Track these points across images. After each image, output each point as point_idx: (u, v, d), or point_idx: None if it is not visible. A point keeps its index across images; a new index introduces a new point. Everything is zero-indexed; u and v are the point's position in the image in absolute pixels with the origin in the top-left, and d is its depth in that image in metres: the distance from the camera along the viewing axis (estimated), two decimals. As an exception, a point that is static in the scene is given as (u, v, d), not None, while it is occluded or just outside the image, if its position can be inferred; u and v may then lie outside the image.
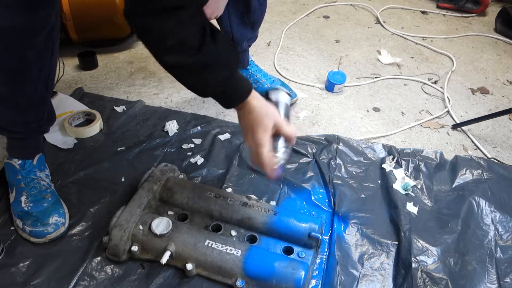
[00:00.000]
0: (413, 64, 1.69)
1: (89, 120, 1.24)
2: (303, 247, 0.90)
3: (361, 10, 2.10)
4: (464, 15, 2.11)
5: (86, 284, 0.84)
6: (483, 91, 1.56)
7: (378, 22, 1.99)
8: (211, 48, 0.74)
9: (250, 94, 0.82)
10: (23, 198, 0.93)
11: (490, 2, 2.09)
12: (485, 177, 1.13)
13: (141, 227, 0.86)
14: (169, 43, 0.70)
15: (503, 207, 1.05)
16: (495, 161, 1.20)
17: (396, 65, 1.67)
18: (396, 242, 0.96)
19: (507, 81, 1.63)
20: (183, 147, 1.18)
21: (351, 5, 2.13)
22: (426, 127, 1.35)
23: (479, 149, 1.27)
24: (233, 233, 0.91)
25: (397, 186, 1.09)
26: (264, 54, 1.67)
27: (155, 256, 0.85)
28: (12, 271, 0.85)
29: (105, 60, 1.56)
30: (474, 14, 2.11)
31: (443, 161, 1.18)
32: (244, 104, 0.82)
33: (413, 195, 1.07)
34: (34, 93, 0.88)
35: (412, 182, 1.10)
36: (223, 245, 0.85)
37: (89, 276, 0.85)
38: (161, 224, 0.86)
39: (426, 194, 1.08)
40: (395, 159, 1.16)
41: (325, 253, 0.93)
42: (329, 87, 1.48)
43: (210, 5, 0.94)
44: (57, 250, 0.90)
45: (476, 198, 1.05)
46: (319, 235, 0.88)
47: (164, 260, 0.82)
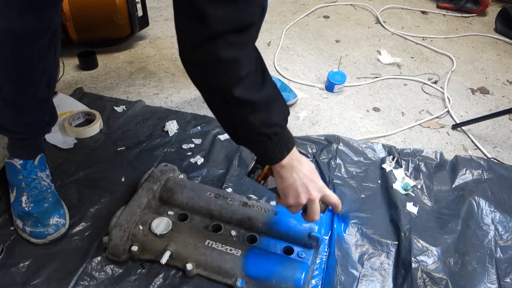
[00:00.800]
0: (413, 64, 1.69)
1: (89, 120, 1.24)
2: (303, 247, 0.90)
3: (361, 10, 2.10)
4: (464, 15, 2.11)
5: (86, 284, 0.84)
6: (483, 91, 1.56)
7: (378, 22, 1.99)
8: (270, 83, 0.69)
9: (294, 146, 0.74)
10: (23, 198, 0.93)
11: (490, 2, 2.10)
12: (485, 177, 1.13)
13: (141, 227, 0.86)
14: (243, 73, 0.64)
15: (503, 207, 1.05)
16: (495, 161, 1.20)
17: (396, 65, 1.67)
18: (396, 242, 0.96)
19: (507, 81, 1.63)
20: (183, 147, 1.18)
21: (351, 5, 2.13)
22: (426, 127, 1.35)
23: (479, 149, 1.27)
24: (233, 233, 0.91)
25: (397, 186, 1.09)
26: (264, 54, 1.66)
27: (155, 256, 0.85)
28: (12, 271, 0.85)
29: (105, 60, 1.56)
30: (474, 14, 2.11)
31: (443, 161, 1.18)
32: (292, 156, 0.73)
33: (413, 195, 1.07)
34: (37, 94, 0.88)
35: (412, 182, 1.10)
36: (223, 245, 0.85)
37: (89, 276, 0.85)
38: (161, 224, 0.86)
39: (426, 194, 1.08)
40: (395, 159, 1.16)
41: (325, 253, 0.93)
42: (329, 87, 1.48)
43: None
44: (57, 250, 0.89)
45: (476, 198, 1.05)
46: (319, 235, 0.88)
47: (164, 260, 0.82)
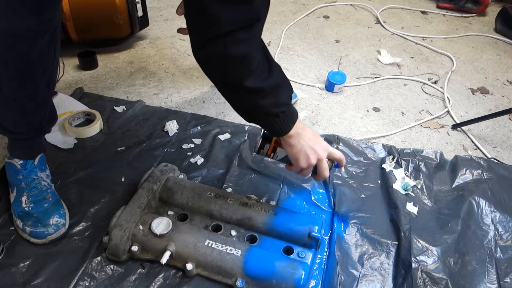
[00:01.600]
0: (413, 64, 1.69)
1: (89, 120, 1.24)
2: (303, 247, 0.90)
3: (361, 10, 2.10)
4: (464, 15, 2.11)
5: (86, 284, 0.84)
6: (483, 91, 1.56)
7: (378, 22, 1.99)
8: (276, 69, 0.76)
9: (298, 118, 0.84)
10: (23, 198, 0.93)
11: (490, 2, 2.10)
12: (485, 177, 1.13)
13: (141, 227, 0.86)
14: (253, 66, 0.70)
15: (503, 207, 1.05)
16: (495, 161, 1.20)
17: (396, 65, 1.67)
18: (396, 242, 0.96)
19: (507, 81, 1.63)
20: (183, 147, 1.18)
21: (351, 5, 2.13)
22: (426, 127, 1.35)
23: (479, 149, 1.27)
24: (233, 233, 0.91)
25: (397, 186, 1.09)
26: (264, 54, 1.67)
27: (155, 256, 0.85)
28: (12, 271, 0.85)
29: (105, 60, 1.56)
30: (474, 14, 2.11)
31: (443, 161, 1.18)
32: (297, 126, 0.82)
33: (413, 195, 1.07)
34: (37, 94, 0.88)
35: (412, 182, 1.10)
36: (223, 245, 0.85)
37: (89, 276, 0.85)
38: (161, 224, 0.86)
39: (426, 194, 1.08)
40: (395, 159, 1.16)
41: (325, 253, 0.93)
42: (329, 87, 1.48)
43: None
44: (57, 250, 0.90)
45: (476, 198, 1.05)
46: (319, 235, 0.88)
47: (164, 260, 0.82)
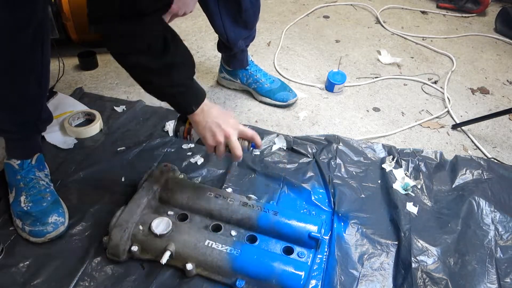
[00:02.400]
0: (413, 64, 1.69)
1: (89, 120, 1.24)
2: (303, 247, 0.90)
3: (361, 10, 2.10)
4: (464, 15, 2.11)
5: (86, 284, 0.84)
6: (483, 91, 1.56)
7: (378, 22, 1.99)
8: (174, 50, 0.78)
9: (205, 99, 0.86)
10: (22, 198, 0.93)
11: (490, 2, 2.10)
12: (485, 177, 1.13)
13: (141, 227, 0.86)
14: (138, 46, 0.74)
15: (503, 207, 1.05)
16: (495, 161, 1.20)
17: (396, 65, 1.67)
18: (396, 242, 0.96)
19: (507, 81, 1.63)
20: (183, 147, 1.18)
21: (351, 5, 2.13)
22: (426, 127, 1.35)
23: (479, 149, 1.27)
24: (233, 233, 0.91)
25: (397, 186, 1.09)
26: (264, 54, 1.68)
27: (155, 256, 0.85)
28: (12, 271, 0.85)
29: (105, 60, 1.56)
30: (474, 14, 2.11)
31: (443, 161, 1.18)
32: (203, 106, 0.85)
33: (413, 195, 1.07)
34: (27, 93, 0.88)
35: (412, 182, 1.10)
36: (223, 245, 0.85)
37: (89, 276, 0.85)
38: (161, 224, 0.86)
39: (426, 194, 1.08)
40: (395, 159, 1.16)
41: (325, 253, 0.93)
42: (329, 87, 1.48)
43: (176, 1, 0.96)
44: (57, 250, 0.90)
45: (476, 198, 1.05)
46: (319, 235, 0.88)
47: (164, 260, 0.82)
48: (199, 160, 1.14)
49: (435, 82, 1.58)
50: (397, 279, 0.89)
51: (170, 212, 0.94)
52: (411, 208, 1.03)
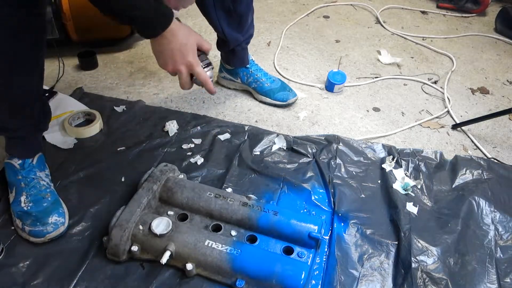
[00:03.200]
0: (413, 64, 1.69)
1: (89, 120, 1.24)
2: (303, 247, 0.90)
3: (361, 10, 2.10)
4: (464, 15, 2.11)
5: (86, 284, 0.84)
6: (483, 91, 1.56)
7: (378, 22, 1.99)
8: None
9: (173, 19, 0.82)
10: (22, 198, 0.93)
11: (490, 2, 2.10)
12: (485, 177, 1.13)
13: (141, 227, 0.86)
14: None
15: (503, 207, 1.05)
16: (495, 161, 1.20)
17: (396, 65, 1.67)
18: (396, 242, 0.96)
19: (507, 81, 1.63)
20: (183, 147, 1.18)
21: (351, 5, 2.13)
22: (426, 127, 1.35)
23: (479, 149, 1.27)
24: (233, 233, 0.91)
25: (397, 186, 1.09)
26: (264, 54, 1.68)
27: (155, 256, 0.85)
28: (12, 271, 0.85)
29: (105, 60, 1.56)
30: (474, 14, 2.11)
31: (443, 161, 1.18)
32: (169, 29, 0.81)
33: (413, 195, 1.07)
34: (29, 89, 0.88)
35: (412, 182, 1.10)
36: (223, 245, 0.85)
37: (89, 276, 0.85)
38: (161, 224, 0.86)
39: (426, 194, 1.08)
40: (395, 159, 1.16)
41: (325, 253, 0.93)
42: (329, 87, 1.48)
43: None
44: (57, 250, 0.90)
45: (476, 198, 1.05)
46: (319, 235, 0.88)
47: (164, 260, 0.82)
48: (199, 160, 1.14)
49: (435, 82, 1.58)
50: (397, 279, 0.89)
51: (170, 212, 0.94)
52: (411, 208, 1.03)
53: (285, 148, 1.20)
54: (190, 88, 0.91)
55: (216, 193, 0.96)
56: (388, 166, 1.14)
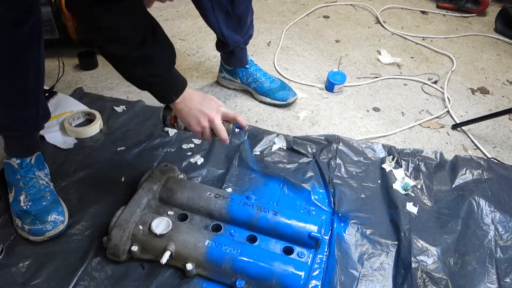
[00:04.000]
0: (413, 64, 1.69)
1: (89, 120, 1.24)
2: (303, 247, 0.90)
3: (361, 10, 2.10)
4: (464, 15, 2.11)
5: (86, 284, 0.84)
6: (483, 91, 1.56)
7: (378, 22, 1.99)
8: (152, 41, 0.79)
9: (186, 87, 0.87)
10: (22, 197, 0.93)
11: (490, 2, 2.09)
12: (485, 177, 1.13)
13: (141, 227, 0.86)
14: (114, 34, 0.75)
15: (503, 207, 1.05)
16: (495, 161, 1.20)
17: (396, 65, 1.67)
18: (396, 242, 0.96)
19: (507, 81, 1.63)
20: (183, 147, 1.18)
21: (351, 5, 2.13)
22: (426, 127, 1.35)
23: (479, 149, 1.27)
24: (233, 233, 0.91)
25: (397, 186, 1.09)
26: (264, 54, 1.68)
27: (155, 256, 0.85)
28: (12, 271, 0.85)
29: (105, 60, 1.55)
30: (474, 14, 2.11)
31: (443, 161, 1.18)
32: (184, 94, 0.86)
33: (413, 195, 1.07)
34: (26, 88, 0.88)
35: (412, 182, 1.10)
36: (223, 245, 0.85)
37: (89, 276, 0.85)
38: (161, 224, 0.86)
39: (426, 194, 1.08)
40: (395, 159, 1.16)
41: (325, 253, 0.93)
42: (329, 87, 1.48)
43: None
44: (57, 250, 0.90)
45: (476, 198, 1.05)
46: (319, 235, 0.88)
47: (164, 260, 0.82)
48: (199, 160, 1.14)
49: (435, 82, 1.58)
50: (397, 279, 0.89)
51: (170, 212, 0.94)
52: (411, 208, 1.03)
53: (285, 148, 1.20)
54: (211, 140, 0.92)
55: (216, 193, 0.96)
56: (388, 166, 1.14)
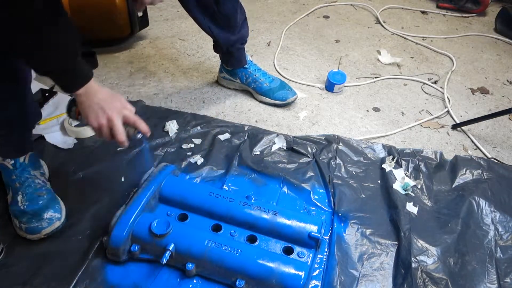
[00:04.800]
0: (413, 64, 1.69)
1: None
2: (303, 247, 0.90)
3: (361, 10, 2.10)
4: (464, 15, 2.11)
5: (86, 284, 0.84)
6: (483, 91, 1.56)
7: (378, 22, 1.99)
8: (54, 29, 0.75)
9: (91, 79, 0.84)
10: (19, 198, 0.93)
11: (490, 2, 2.09)
12: (485, 177, 1.13)
13: (140, 227, 0.86)
14: (16, 22, 0.69)
15: (503, 207, 1.05)
16: (495, 161, 1.20)
17: (396, 65, 1.67)
18: (396, 242, 0.96)
19: (507, 81, 1.63)
20: (183, 147, 1.18)
21: (351, 5, 2.13)
22: (426, 127, 1.35)
23: (479, 149, 1.27)
24: (233, 233, 0.91)
25: (397, 186, 1.09)
26: (264, 54, 1.67)
27: (155, 256, 0.85)
28: (12, 271, 0.85)
29: (105, 60, 1.56)
30: (474, 14, 2.11)
31: (443, 161, 1.18)
32: (88, 87, 0.83)
33: (413, 195, 1.07)
34: (5, 88, 0.86)
35: (412, 182, 1.10)
36: (223, 245, 0.85)
37: (89, 276, 0.85)
38: (161, 224, 0.86)
39: (426, 194, 1.08)
40: (395, 159, 1.16)
41: (325, 253, 0.93)
42: (329, 87, 1.48)
43: None
44: (57, 250, 0.90)
45: (476, 198, 1.05)
46: (319, 235, 0.88)
47: (164, 260, 0.82)
48: (199, 160, 1.14)
49: (435, 82, 1.58)
50: (397, 279, 0.89)
51: (170, 212, 0.94)
52: (411, 208, 1.03)
53: (285, 148, 1.20)
54: (109, 139, 0.88)
55: (216, 193, 0.96)
56: (388, 166, 1.14)
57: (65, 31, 0.79)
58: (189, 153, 1.16)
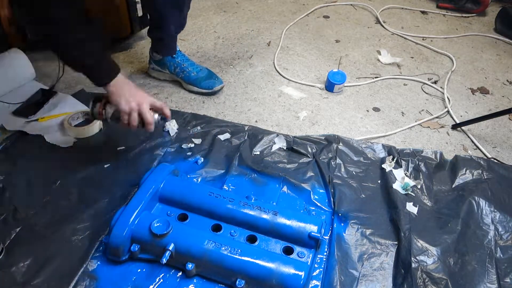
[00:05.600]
0: (413, 64, 1.69)
1: (89, 120, 1.23)
2: (303, 247, 0.90)
3: (361, 10, 2.10)
4: (464, 15, 2.11)
5: (86, 284, 0.84)
6: (483, 91, 1.56)
7: (378, 22, 1.99)
8: (85, 26, 0.88)
9: (120, 75, 0.97)
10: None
11: (490, 2, 2.09)
12: (485, 177, 1.13)
13: (141, 226, 0.86)
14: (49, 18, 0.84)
15: (503, 207, 1.05)
16: (495, 161, 1.20)
17: (396, 65, 1.67)
18: (396, 242, 0.96)
19: (507, 81, 1.63)
20: (183, 147, 1.18)
21: (351, 5, 2.13)
22: (426, 127, 1.35)
23: (479, 149, 1.27)
24: (233, 233, 0.91)
25: (397, 186, 1.09)
26: (264, 54, 1.67)
27: (155, 256, 0.85)
28: (12, 271, 0.85)
29: (105, 60, 1.56)
30: (474, 14, 2.11)
31: (443, 161, 1.18)
32: (117, 78, 0.96)
33: (413, 195, 1.07)
34: None
35: (412, 182, 1.10)
36: (223, 245, 0.85)
37: (89, 276, 0.85)
38: (161, 224, 0.86)
39: (426, 194, 1.08)
40: (395, 159, 1.16)
41: (325, 253, 0.93)
42: (329, 87, 1.48)
43: None
44: (57, 250, 0.90)
45: (476, 198, 1.05)
46: (319, 235, 0.88)
47: (164, 260, 0.82)
48: (199, 160, 1.14)
49: (435, 82, 1.58)
50: (397, 279, 0.89)
51: (170, 212, 0.94)
52: (411, 208, 1.03)
53: (285, 148, 1.20)
54: (135, 126, 0.99)
55: (216, 193, 0.96)
56: (388, 166, 1.14)
57: (98, 30, 0.92)
58: (189, 153, 1.16)
